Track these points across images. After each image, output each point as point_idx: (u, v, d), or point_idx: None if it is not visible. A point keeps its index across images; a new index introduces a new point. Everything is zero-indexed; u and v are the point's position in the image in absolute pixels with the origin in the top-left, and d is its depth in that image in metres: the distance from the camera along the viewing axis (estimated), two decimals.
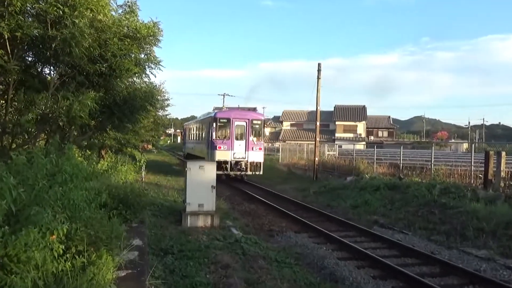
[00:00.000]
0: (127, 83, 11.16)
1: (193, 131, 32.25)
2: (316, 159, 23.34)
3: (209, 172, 10.47)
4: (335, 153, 26.03)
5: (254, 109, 22.21)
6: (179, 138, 79.19)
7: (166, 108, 27.46)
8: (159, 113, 28.60)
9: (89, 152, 16.45)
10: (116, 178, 12.49)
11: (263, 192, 19.26)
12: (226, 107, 25.65)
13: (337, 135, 55.02)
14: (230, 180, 22.68)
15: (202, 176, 10.39)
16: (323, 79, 26.09)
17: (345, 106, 59.35)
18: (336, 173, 22.13)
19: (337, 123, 56.18)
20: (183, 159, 44.80)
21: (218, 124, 22.27)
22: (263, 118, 23.08)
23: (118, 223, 6.00)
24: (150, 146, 43.26)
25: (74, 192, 5.35)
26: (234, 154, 21.94)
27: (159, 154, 53.20)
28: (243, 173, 21.80)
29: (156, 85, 16.09)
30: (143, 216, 9.37)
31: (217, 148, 21.85)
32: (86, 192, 5.73)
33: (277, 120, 61.97)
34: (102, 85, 9.92)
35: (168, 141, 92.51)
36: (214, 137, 22.13)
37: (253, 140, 22.16)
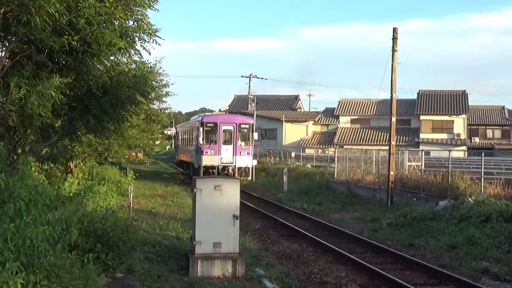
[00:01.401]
0: (109, 64, 11.32)
1: (184, 135, 39.29)
2: (391, 173, 23.00)
3: (230, 194, 10.45)
4: (419, 163, 25.56)
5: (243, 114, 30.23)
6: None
7: (164, 99, 27.83)
8: (154, 106, 29.02)
9: (52, 166, 16.86)
10: (92, 204, 12.70)
11: (310, 223, 19.60)
12: (252, 96, 32.47)
13: (422, 136, 54.10)
14: (261, 204, 24.82)
15: (219, 201, 10.38)
16: (402, 51, 25.79)
17: (435, 91, 58.33)
18: (422, 194, 21.81)
19: (422, 117, 55.27)
20: (176, 166, 49.27)
21: (205, 128, 30.68)
22: (251, 122, 32.75)
23: (96, 273, 6.04)
24: (140, 155, 44.09)
25: (32, 228, 5.42)
26: (221, 159, 30.53)
27: (154, 166, 54.12)
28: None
29: (150, 66, 16.28)
30: (131, 261, 9.44)
31: (204, 153, 30.23)
32: (49, 227, 5.80)
33: (330, 114, 61.69)
34: (72, 68, 10.10)
35: (168, 147, 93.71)
36: (201, 142, 30.69)
37: (241, 145, 31.08)
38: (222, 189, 10.44)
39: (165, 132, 77.26)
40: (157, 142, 61.62)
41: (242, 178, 29.24)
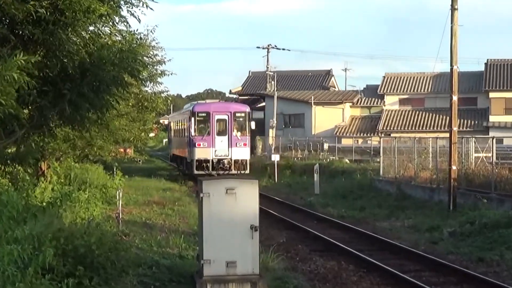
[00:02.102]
0: (87, 37, 11.33)
1: (176, 126, 43.57)
2: (453, 168, 22.81)
3: (247, 198, 10.44)
4: (489, 155, 25.31)
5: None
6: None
7: (159, 80, 27.85)
8: (147, 89, 29.11)
9: (19, 169, 16.96)
10: (70, 215, 12.78)
11: (350, 234, 19.64)
12: (272, 72, 37.39)
13: (492, 119, 53.65)
14: (286, 211, 25.29)
15: (232, 208, 10.38)
16: (464, 9, 25.50)
17: (508, 61, 57.69)
18: (493, 194, 21.64)
19: (492, 95, 54.79)
20: (170, 162, 52.65)
21: (196, 118, 35.69)
22: (247, 110, 37.43)
23: None
24: (130, 152, 44.25)
25: None
26: (215, 151, 35.46)
27: (149, 166, 54.39)
28: (226, 172, 34.30)
29: (140, 37, 16.27)
30: (123, 287, 9.48)
31: (196, 146, 35.03)
32: (18, 246, 5.83)
33: (372, 93, 61.42)
34: (41, 42, 10.12)
35: (165, 140, 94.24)
36: (193, 134, 35.45)
37: (236, 135, 35.82)
38: (235, 193, 10.44)
39: (161, 121, 77.20)
40: (151, 135, 61.67)
41: (238, 172, 35.09)
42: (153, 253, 13.61)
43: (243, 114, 37.74)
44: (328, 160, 43.89)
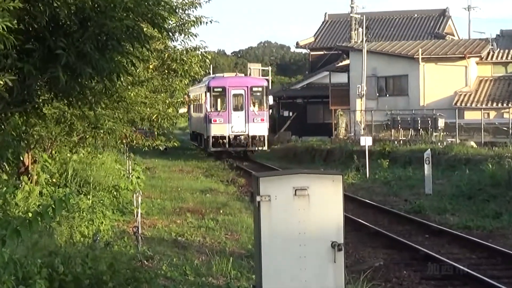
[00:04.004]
0: None
1: (195, 101, 53.68)
2: None
3: (326, 202, 10.39)
4: None
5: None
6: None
7: (193, 31, 27.88)
8: (176, 45, 29.18)
9: None
10: (67, 231, 12.90)
11: (480, 254, 19.53)
12: (358, 15, 48.07)
13: None
14: (383, 219, 25.48)
15: (304, 217, 10.36)
16: None
17: None
18: None
19: None
20: (190, 140, 68.48)
21: (212, 93, 51.29)
22: (264, 84, 52.47)
23: None
24: (139, 137, 44.44)
25: None
26: (232, 127, 50.16)
27: (179, 155, 54.74)
28: (243, 149, 50.73)
29: None
30: None
31: (212, 122, 49.88)
32: None
33: (511, 42, 60.51)
34: None
35: None
36: (208, 109, 50.62)
37: (253, 111, 50.71)
38: (309, 195, 10.41)
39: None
40: (181, 111, 61.88)
41: (256, 149, 52.33)
42: (189, 285, 13.70)
43: (260, 89, 52.52)
44: (444, 143, 43.45)
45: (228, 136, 50.46)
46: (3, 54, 9.75)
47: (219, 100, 50.32)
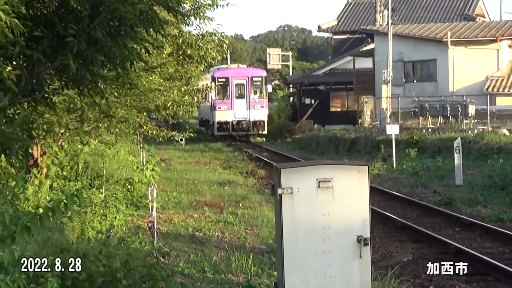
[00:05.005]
0: None
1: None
2: None
3: (351, 194, 10.34)
4: None
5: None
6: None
7: (209, 15, 27.84)
8: (191, 29, 29.17)
9: (2, 161, 17.24)
10: (79, 226, 12.88)
11: None
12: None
13: None
14: (411, 212, 25.53)
15: (328, 210, 10.32)
16: None
17: None
18: None
19: None
20: (199, 127, 76.59)
21: (217, 83, 60.20)
22: (263, 75, 65.64)
23: None
24: (151, 127, 44.56)
25: None
26: (235, 114, 62.10)
27: (196, 146, 54.82)
28: (245, 133, 62.57)
29: None
30: None
31: (217, 109, 61.95)
32: (4, 277, 5.91)
33: None
34: None
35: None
36: (213, 98, 61.87)
37: (254, 99, 62.67)
38: (333, 187, 10.38)
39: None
40: (196, 99, 63.65)
41: (257, 133, 63.61)
42: (207, 283, 13.72)
43: (260, 79, 64.52)
44: (475, 131, 43.33)
45: (232, 122, 62.52)
46: (11, 42, 9.76)
47: (223, 89, 60.70)
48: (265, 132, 63.30)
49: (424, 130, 46.54)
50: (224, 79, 62.55)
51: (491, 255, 18.16)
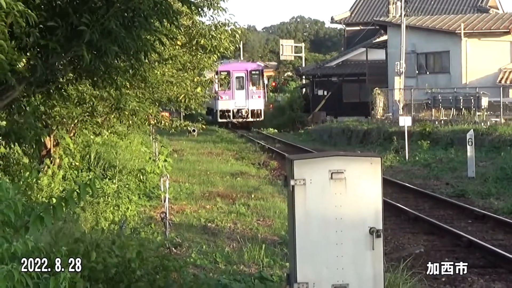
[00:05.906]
0: None
1: None
2: None
3: (363, 186, 10.27)
4: None
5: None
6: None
7: (221, 4, 27.79)
8: (204, 20, 29.11)
9: (15, 149, 17.23)
10: (92, 216, 12.88)
11: None
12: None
13: None
14: (423, 203, 25.66)
15: (341, 202, 10.29)
16: None
17: None
18: None
19: None
20: (206, 115, 79.01)
21: (219, 76, 61.05)
22: (260, 69, 79.34)
23: None
24: (166, 117, 44.61)
25: None
26: (235, 103, 73.53)
27: (209, 137, 54.83)
28: (244, 120, 74.05)
29: None
30: None
31: (220, 99, 70.10)
32: (18, 266, 5.92)
33: None
34: None
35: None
36: (216, 89, 63.75)
37: (252, 89, 74.26)
38: (345, 178, 10.32)
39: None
40: (208, 89, 65.30)
41: (254, 119, 72.32)
42: (220, 273, 13.70)
43: (257, 72, 75.02)
44: (488, 123, 43.20)
45: (232, 110, 72.59)
46: (25, 32, 9.76)
47: (224, 81, 63.18)
48: (262, 118, 72.79)
49: (436, 122, 46.40)
50: (225, 72, 68.69)
51: (504, 247, 18.14)
